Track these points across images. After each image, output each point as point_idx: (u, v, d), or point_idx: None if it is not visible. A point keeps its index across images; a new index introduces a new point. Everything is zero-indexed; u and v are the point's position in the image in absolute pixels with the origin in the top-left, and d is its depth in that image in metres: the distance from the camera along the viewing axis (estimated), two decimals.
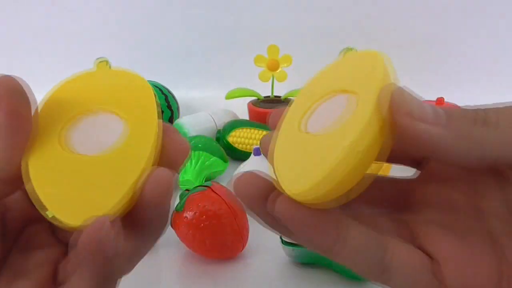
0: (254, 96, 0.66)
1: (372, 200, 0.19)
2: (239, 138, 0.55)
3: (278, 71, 0.65)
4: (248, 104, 0.66)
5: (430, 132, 0.14)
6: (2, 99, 0.16)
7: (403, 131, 0.15)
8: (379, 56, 0.17)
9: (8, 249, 0.18)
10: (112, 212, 0.16)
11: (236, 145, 0.55)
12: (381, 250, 0.17)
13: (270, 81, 0.65)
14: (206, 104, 0.73)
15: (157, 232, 0.18)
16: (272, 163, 0.17)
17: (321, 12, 0.79)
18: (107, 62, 0.19)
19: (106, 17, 0.84)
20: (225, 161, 0.51)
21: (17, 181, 0.17)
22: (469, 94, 0.70)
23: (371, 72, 0.17)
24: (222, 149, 0.52)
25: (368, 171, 0.16)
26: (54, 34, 0.85)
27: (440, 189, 0.18)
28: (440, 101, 0.57)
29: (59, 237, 0.20)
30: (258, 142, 0.52)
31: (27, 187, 0.16)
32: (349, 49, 0.19)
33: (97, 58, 0.20)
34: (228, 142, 0.56)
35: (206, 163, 0.48)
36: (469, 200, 0.17)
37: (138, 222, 0.17)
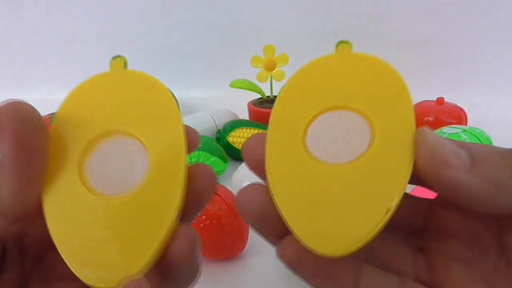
0: (257, 92, 0.66)
1: (388, 222, 0.18)
2: (239, 138, 0.55)
3: (275, 70, 0.65)
4: (248, 104, 0.66)
5: (456, 178, 0.13)
6: (6, 128, 0.14)
7: (427, 175, 0.14)
8: (401, 80, 0.15)
9: (27, 275, 0.17)
10: (142, 272, 0.15)
11: (236, 145, 0.55)
12: None
13: (269, 81, 0.65)
14: (206, 104, 0.73)
15: (188, 282, 0.17)
16: (272, 187, 0.15)
17: (321, 12, 0.79)
18: (123, 60, 0.18)
19: (106, 17, 0.83)
20: (225, 161, 0.51)
21: (27, 218, 0.15)
22: (469, 94, 0.70)
23: (396, 101, 0.15)
24: (222, 149, 0.52)
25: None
26: (52, 35, 0.85)
27: (462, 218, 0.17)
28: (440, 101, 0.57)
29: None
30: None
31: (47, 226, 0.15)
32: (345, 43, 0.17)
33: (113, 57, 0.18)
34: (228, 142, 0.55)
35: (206, 163, 0.48)
36: (493, 235, 0.16)
37: (167, 276, 0.16)
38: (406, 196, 0.18)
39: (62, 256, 0.15)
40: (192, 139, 0.17)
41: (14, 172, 0.14)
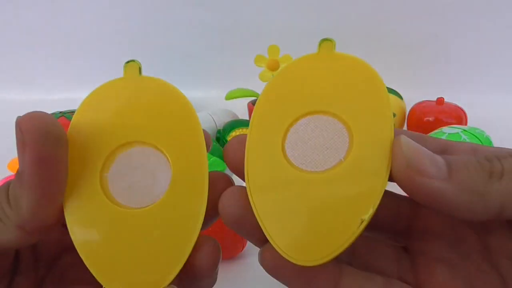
0: (254, 96, 0.66)
1: (372, 221, 0.18)
2: None
3: (278, 71, 0.64)
4: (248, 104, 0.66)
5: (432, 187, 0.13)
6: (27, 143, 0.13)
7: (403, 184, 0.14)
8: (382, 84, 0.15)
9: (40, 279, 0.17)
10: (168, 284, 0.15)
11: None
12: None
13: None
14: (206, 104, 0.73)
15: None
16: (250, 194, 0.15)
17: (322, 12, 0.79)
18: (137, 65, 0.17)
19: (106, 17, 0.83)
20: None
21: (45, 231, 0.15)
22: (469, 94, 0.70)
23: (374, 107, 0.15)
24: (222, 149, 0.52)
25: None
26: (53, 35, 0.85)
27: (447, 219, 0.17)
28: (440, 101, 0.57)
29: None
30: None
31: (72, 240, 0.15)
32: (327, 41, 0.17)
33: (127, 61, 0.17)
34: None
35: None
36: (477, 236, 0.16)
37: (189, 286, 0.16)
38: (391, 195, 0.18)
39: (90, 270, 0.15)
40: (205, 142, 0.17)
41: (34, 187, 0.14)
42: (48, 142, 0.14)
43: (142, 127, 0.16)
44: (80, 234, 0.15)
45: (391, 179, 0.14)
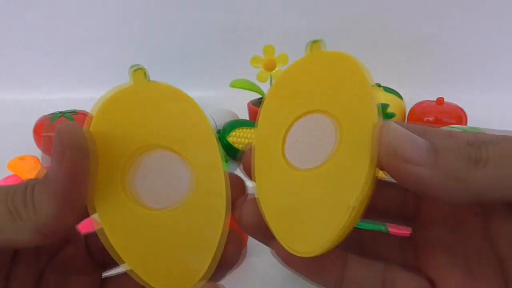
0: (258, 92, 0.66)
1: (376, 208, 0.18)
2: (239, 138, 0.55)
3: (275, 70, 0.64)
4: (248, 104, 0.66)
5: (417, 173, 0.13)
6: (66, 156, 0.14)
7: (390, 171, 0.14)
8: (361, 72, 0.16)
9: (41, 269, 0.18)
10: (204, 276, 0.16)
11: (236, 145, 0.55)
12: (381, 283, 0.16)
13: (269, 81, 0.65)
14: (206, 104, 0.73)
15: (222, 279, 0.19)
16: (257, 195, 0.16)
17: (320, 10, 0.79)
18: (144, 72, 0.18)
19: (106, 17, 0.84)
20: (225, 161, 0.51)
21: (59, 234, 0.15)
22: (469, 94, 0.70)
23: (357, 97, 0.15)
24: (222, 149, 0.52)
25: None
26: (53, 35, 0.85)
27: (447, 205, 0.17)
28: (440, 101, 0.57)
29: (95, 258, 0.19)
30: None
31: (99, 236, 0.16)
32: (316, 42, 0.18)
33: (132, 66, 0.18)
34: (228, 142, 0.55)
35: None
36: (477, 219, 0.16)
37: (215, 276, 0.17)
38: (398, 187, 0.18)
39: (134, 271, 0.15)
40: None
41: (62, 198, 0.14)
42: (83, 156, 0.14)
43: (160, 132, 0.17)
44: (118, 238, 0.16)
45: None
